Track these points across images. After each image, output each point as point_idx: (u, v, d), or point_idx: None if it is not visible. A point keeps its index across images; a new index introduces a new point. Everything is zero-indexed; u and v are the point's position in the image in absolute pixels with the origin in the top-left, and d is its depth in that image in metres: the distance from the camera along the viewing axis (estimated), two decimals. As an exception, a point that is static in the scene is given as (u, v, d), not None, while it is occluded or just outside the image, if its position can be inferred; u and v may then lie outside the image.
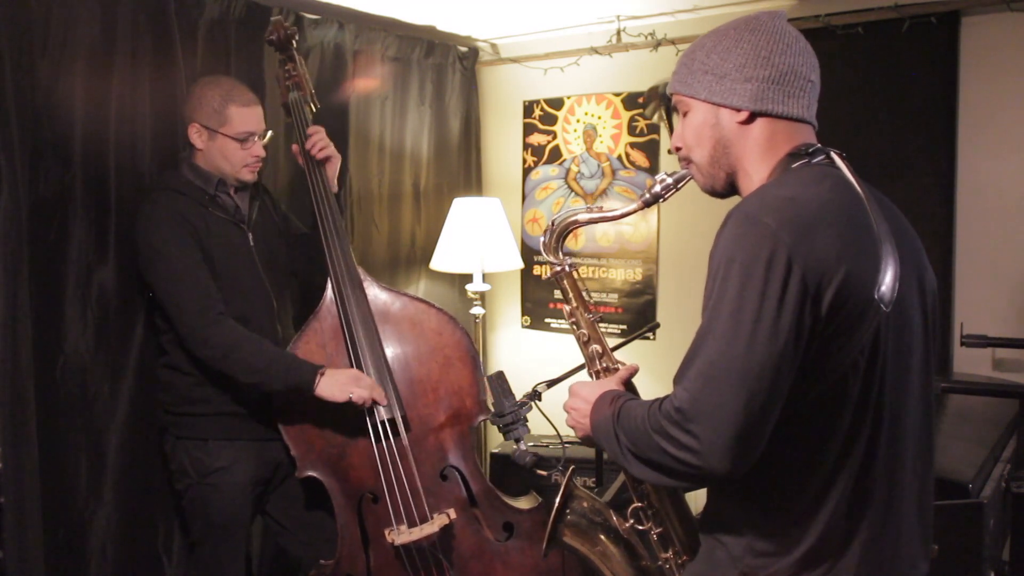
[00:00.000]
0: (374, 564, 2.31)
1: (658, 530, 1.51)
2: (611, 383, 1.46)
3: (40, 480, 2.15)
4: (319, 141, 2.41)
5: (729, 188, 1.34)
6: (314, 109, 2.48)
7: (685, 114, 1.34)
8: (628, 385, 1.50)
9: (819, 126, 1.33)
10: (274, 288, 2.39)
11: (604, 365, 1.57)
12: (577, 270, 1.66)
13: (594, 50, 3.40)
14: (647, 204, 1.52)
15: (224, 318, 2.16)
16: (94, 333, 2.31)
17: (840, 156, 1.24)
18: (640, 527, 1.53)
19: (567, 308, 1.64)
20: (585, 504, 1.66)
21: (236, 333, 2.16)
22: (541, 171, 3.66)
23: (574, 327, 1.62)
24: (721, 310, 1.12)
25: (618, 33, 3.30)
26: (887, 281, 1.12)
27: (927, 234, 2.74)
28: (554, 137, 3.61)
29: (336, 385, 2.19)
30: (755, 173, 1.28)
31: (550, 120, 3.61)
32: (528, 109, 3.68)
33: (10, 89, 2.07)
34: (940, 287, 2.92)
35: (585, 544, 1.64)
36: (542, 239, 1.65)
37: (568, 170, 3.58)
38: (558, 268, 1.65)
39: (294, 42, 2.46)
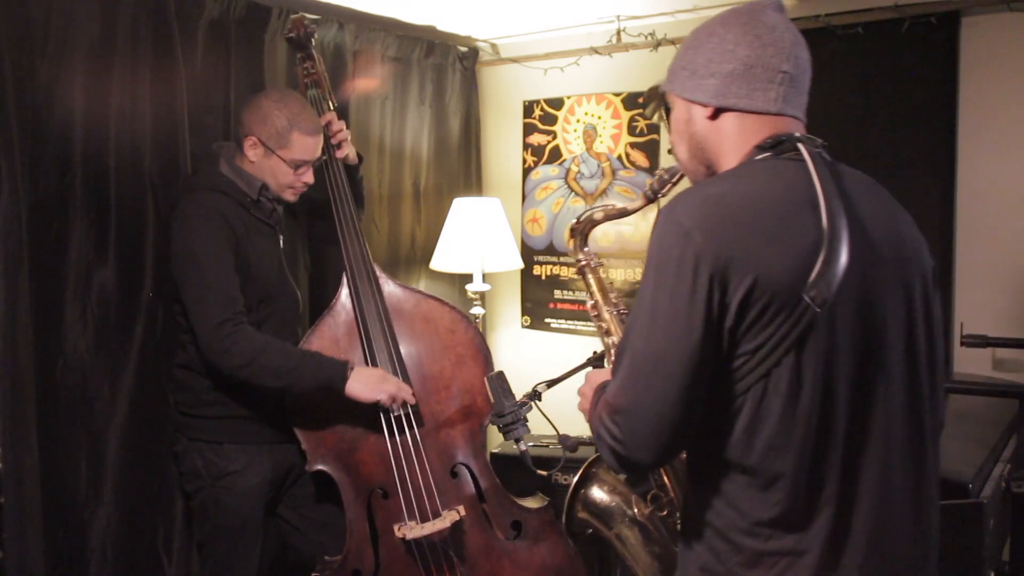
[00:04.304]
0: (383, 559, 2.32)
1: (675, 519, 1.53)
2: None
3: (40, 480, 2.15)
4: (334, 122, 2.43)
5: None
6: (332, 107, 2.49)
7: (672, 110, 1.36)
8: None
9: (819, 125, 1.31)
10: (299, 289, 2.40)
11: None
12: (602, 265, 1.72)
13: (594, 50, 3.40)
14: (649, 200, 1.56)
15: (243, 327, 2.14)
16: (94, 333, 2.30)
17: (811, 146, 1.21)
18: (660, 513, 1.55)
19: (590, 302, 1.69)
20: (606, 486, 1.69)
21: (259, 339, 2.14)
22: (541, 171, 3.66)
23: (596, 319, 1.67)
24: (640, 309, 1.18)
25: (618, 33, 3.30)
26: (827, 278, 1.10)
27: (927, 234, 2.75)
28: (554, 137, 3.61)
29: (366, 385, 2.18)
30: (728, 168, 1.28)
31: (550, 120, 3.61)
32: (528, 109, 3.68)
33: (10, 89, 2.07)
34: (940, 287, 2.91)
35: (603, 525, 1.68)
36: (568, 242, 1.72)
37: (568, 170, 3.58)
38: (583, 263, 1.70)
39: (313, 40, 2.46)
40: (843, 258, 1.11)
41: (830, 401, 1.16)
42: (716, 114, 1.26)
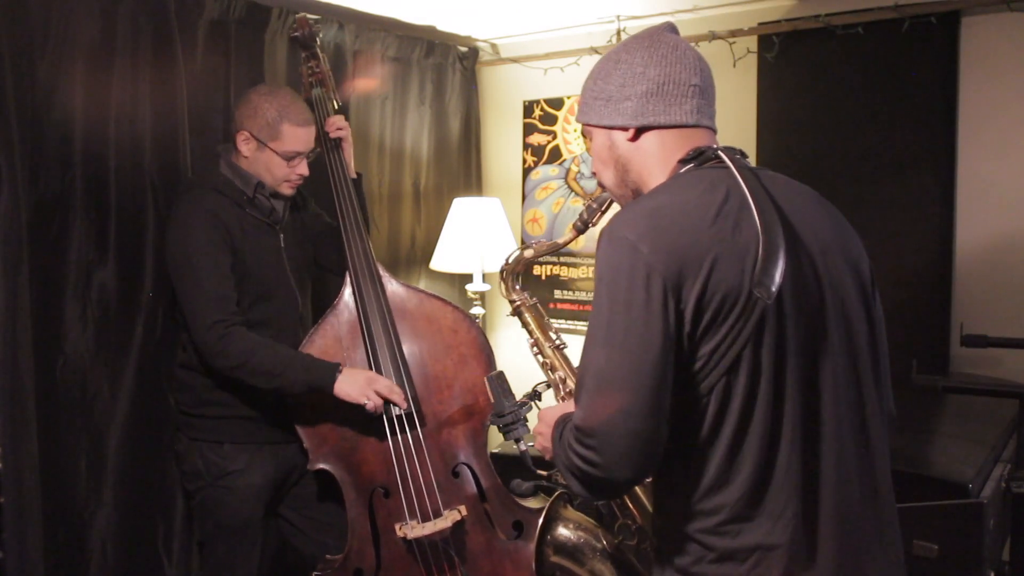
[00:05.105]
0: (384, 559, 2.32)
1: (644, 545, 1.53)
2: (571, 405, 1.47)
3: (40, 480, 2.15)
4: (337, 120, 2.44)
5: None
6: (336, 106, 2.50)
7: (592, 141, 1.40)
8: None
9: (820, 125, 1.33)
10: (300, 290, 2.40)
11: (569, 389, 1.65)
12: (537, 303, 1.79)
13: (594, 50, 3.40)
14: (579, 232, 1.65)
15: (237, 327, 2.15)
16: (94, 333, 2.30)
17: (732, 154, 1.26)
18: (629, 542, 1.54)
19: (530, 340, 1.75)
20: (571, 524, 1.71)
21: (250, 340, 2.15)
22: (541, 171, 3.66)
23: (538, 357, 1.73)
24: (596, 327, 1.19)
25: (618, 33, 3.30)
26: (770, 272, 1.13)
27: (927, 234, 2.76)
28: (554, 137, 3.61)
29: (354, 386, 2.19)
30: (656, 185, 1.31)
31: (550, 120, 3.61)
32: (528, 109, 3.68)
33: (10, 89, 2.07)
34: (940, 287, 2.91)
35: (575, 564, 1.68)
36: (500, 284, 1.79)
37: (568, 170, 3.58)
38: (518, 303, 1.77)
39: (318, 39, 2.48)
40: (781, 251, 1.14)
41: (783, 391, 1.19)
42: (637, 135, 1.31)
